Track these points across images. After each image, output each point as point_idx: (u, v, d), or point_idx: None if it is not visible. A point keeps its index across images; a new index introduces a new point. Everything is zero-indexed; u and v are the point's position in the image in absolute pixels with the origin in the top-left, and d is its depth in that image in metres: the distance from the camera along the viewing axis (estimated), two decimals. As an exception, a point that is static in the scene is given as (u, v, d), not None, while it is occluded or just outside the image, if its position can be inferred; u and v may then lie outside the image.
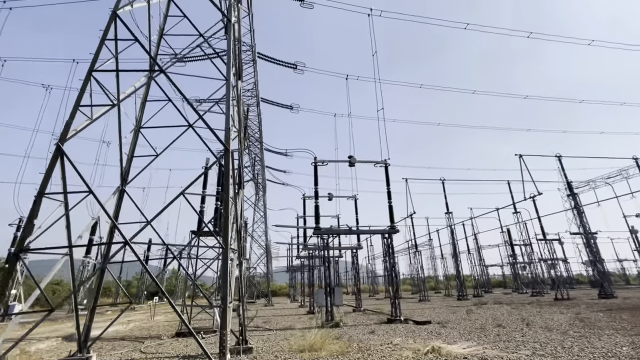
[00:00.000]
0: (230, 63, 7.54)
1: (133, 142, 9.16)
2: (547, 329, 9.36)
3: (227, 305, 5.46)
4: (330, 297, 12.39)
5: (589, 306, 15.55)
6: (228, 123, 6.86)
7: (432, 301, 24.69)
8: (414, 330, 10.30)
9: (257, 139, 34.16)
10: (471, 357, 6.41)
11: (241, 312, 7.75)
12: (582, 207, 27.54)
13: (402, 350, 7.13)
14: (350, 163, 14.79)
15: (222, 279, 5.62)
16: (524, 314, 13.25)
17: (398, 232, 13.79)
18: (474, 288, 30.68)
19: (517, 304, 18.71)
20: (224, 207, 6.10)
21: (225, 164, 6.44)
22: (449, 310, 16.26)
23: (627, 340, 7.33)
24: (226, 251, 5.77)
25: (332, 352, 7.27)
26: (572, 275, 45.85)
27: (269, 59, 24.14)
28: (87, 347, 7.42)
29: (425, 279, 54.46)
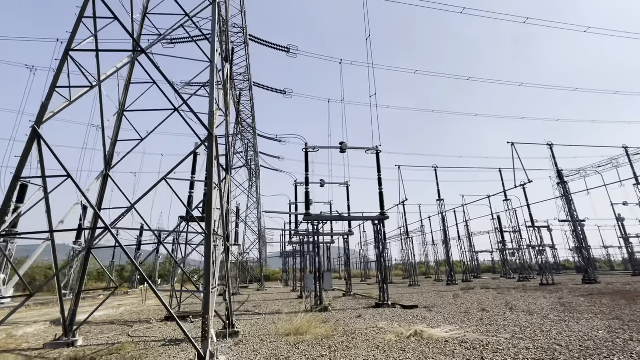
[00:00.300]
0: (215, 44, 7.28)
1: (117, 126, 8.94)
2: (529, 313, 9.60)
3: (209, 290, 5.45)
4: (319, 282, 12.53)
5: (572, 291, 15.99)
6: (212, 106, 6.68)
7: (422, 286, 25.20)
8: (400, 314, 10.50)
9: (250, 125, 33.72)
10: (452, 340, 6.55)
11: (228, 297, 7.78)
12: (570, 195, 27.96)
13: (386, 334, 7.26)
14: (342, 149, 14.69)
15: (205, 264, 5.59)
16: (509, 299, 13.58)
17: (388, 219, 13.86)
18: (463, 273, 31.34)
19: (504, 288, 19.17)
20: (208, 193, 6.01)
21: (209, 148, 6.31)
22: (437, 295, 16.60)
23: (604, 324, 7.55)
24: (209, 237, 5.73)
25: (318, 336, 7.38)
26: (559, 261, 47.07)
27: (261, 42, 23.53)
28: (73, 331, 7.44)
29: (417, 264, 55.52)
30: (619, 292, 14.30)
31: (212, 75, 6.94)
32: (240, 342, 7.08)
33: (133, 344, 7.20)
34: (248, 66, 25.46)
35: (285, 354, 5.98)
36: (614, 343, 5.83)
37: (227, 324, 7.82)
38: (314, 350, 6.13)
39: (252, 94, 30.04)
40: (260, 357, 5.85)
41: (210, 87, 6.85)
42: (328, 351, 6.06)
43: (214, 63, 7.10)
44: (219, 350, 6.36)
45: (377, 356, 5.58)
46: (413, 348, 6.02)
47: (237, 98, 28.81)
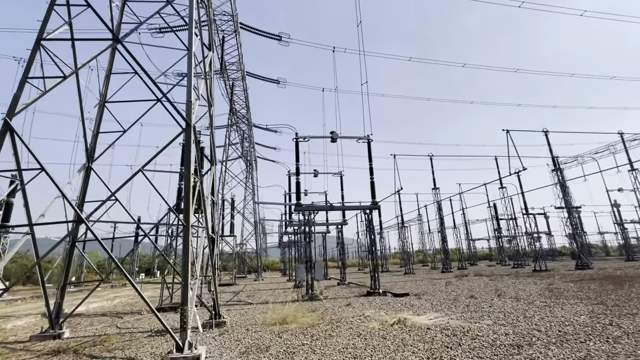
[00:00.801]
0: (192, 30, 7.09)
1: (98, 118, 8.80)
2: (516, 299, 9.67)
3: (187, 282, 5.44)
4: (310, 272, 12.59)
5: (563, 277, 16.12)
6: (189, 96, 6.54)
7: (417, 274, 25.43)
8: (390, 302, 10.58)
9: (245, 115, 33.41)
10: (435, 327, 6.59)
11: (213, 288, 7.80)
12: (565, 182, 27.97)
13: (370, 322, 7.31)
14: (332, 139, 14.55)
15: (183, 256, 5.56)
16: (500, 285, 13.69)
17: (378, 208, 13.83)
18: (458, 261, 31.60)
19: (497, 275, 19.34)
20: (185, 184, 5.94)
21: (187, 139, 6.20)
22: (430, 283, 16.74)
23: (587, 309, 7.60)
24: (187, 228, 5.68)
25: (303, 325, 7.44)
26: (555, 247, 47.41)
27: (252, 30, 23.06)
28: (60, 324, 7.47)
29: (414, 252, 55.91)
30: (608, 277, 14.41)
31: (190, 64, 6.78)
32: (226, 332, 7.13)
33: (119, 335, 7.26)
34: (240, 55, 25.06)
35: (267, 342, 6.01)
36: (593, 328, 5.87)
37: (213, 314, 7.86)
38: (296, 339, 6.16)
39: (245, 84, 29.67)
40: (242, 346, 5.88)
41: (187, 76, 6.70)
42: (310, 339, 6.10)
43: (191, 51, 6.92)
44: (203, 341, 6.40)
45: (357, 344, 5.61)
46: (394, 335, 6.06)
47: (229, 88, 28.45)
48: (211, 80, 9.81)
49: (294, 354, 5.23)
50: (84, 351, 5.99)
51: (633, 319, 6.36)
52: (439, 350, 5.03)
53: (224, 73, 27.35)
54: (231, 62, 26.64)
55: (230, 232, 25.50)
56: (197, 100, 7.46)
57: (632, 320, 6.27)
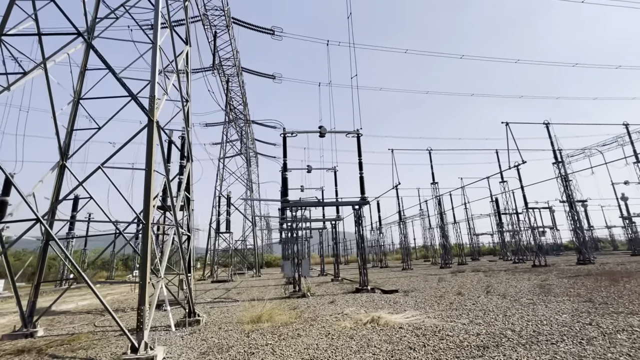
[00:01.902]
0: (158, 23, 6.89)
1: (72, 115, 8.69)
2: (502, 297, 9.40)
3: (145, 281, 5.31)
4: (297, 269, 12.45)
5: (561, 272, 15.73)
6: (153, 91, 6.36)
7: (414, 270, 25.16)
8: (375, 299, 10.38)
9: (241, 112, 33.27)
10: (407, 326, 6.39)
11: (186, 286, 7.68)
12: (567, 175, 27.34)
13: (344, 321, 7.13)
14: (321, 134, 14.31)
15: (141, 254, 5.42)
16: (492, 282, 13.39)
17: (368, 204, 13.58)
18: (458, 256, 31.21)
19: (494, 271, 18.99)
20: (145, 181, 5.79)
21: (149, 135, 6.04)
22: (423, 279, 16.49)
23: (572, 307, 7.31)
24: (146, 227, 5.54)
25: (277, 323, 7.29)
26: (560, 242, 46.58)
27: (245, 25, 22.78)
28: (33, 322, 7.44)
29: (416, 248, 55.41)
30: (607, 273, 14.00)
31: (154, 59, 6.59)
32: (197, 331, 7.02)
33: (91, 334, 7.20)
34: (233, 50, 24.81)
35: (232, 342, 5.88)
36: (571, 328, 5.60)
37: (187, 313, 7.76)
38: (262, 339, 6.02)
39: (241, 80, 29.45)
40: (206, 346, 5.76)
41: (151, 71, 6.51)
42: (276, 339, 5.95)
43: (156, 45, 6.73)
44: (169, 340, 6.30)
45: (321, 344, 5.43)
46: (362, 335, 5.86)
47: (225, 84, 28.27)
48: (188, 76, 9.64)
49: (253, 355, 5.07)
50: (47, 351, 5.93)
51: (615, 318, 6.07)
52: (401, 351, 4.82)
53: (219, 69, 27.17)
54: (226, 57, 26.43)
55: (227, 229, 25.51)
56: (165, 95, 7.28)
57: (614, 320, 5.98)
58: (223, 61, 26.85)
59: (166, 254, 6.49)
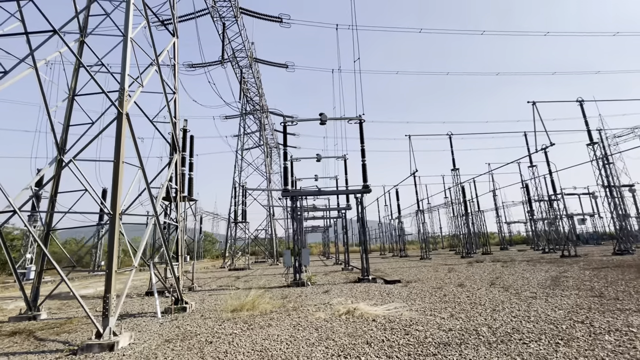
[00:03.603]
0: (129, 14, 6.90)
1: (68, 111, 9.07)
2: (505, 289, 8.75)
3: (111, 270, 5.46)
4: (298, 258, 12.42)
5: (588, 263, 14.42)
6: (123, 83, 6.43)
7: (432, 259, 24.35)
8: (369, 290, 10.11)
9: (258, 102, 33.44)
10: (382, 318, 6.11)
11: (173, 274, 7.88)
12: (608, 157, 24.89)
13: (321, 312, 6.98)
14: (322, 121, 13.96)
15: (108, 245, 5.58)
16: (506, 273, 12.56)
17: (370, 192, 13.14)
18: (483, 246, 29.74)
19: (515, 261, 17.84)
20: (114, 174, 5.91)
21: (118, 127, 6.13)
22: (434, 269, 15.87)
23: (574, 303, 6.62)
24: (114, 218, 5.67)
25: (257, 312, 7.31)
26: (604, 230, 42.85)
27: (253, 14, 22.61)
28: (37, 306, 8.03)
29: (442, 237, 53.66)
30: (638, 265, 12.61)
31: (125, 51, 6.64)
32: (178, 319, 7.21)
33: (85, 319, 7.63)
34: (244, 41, 24.80)
35: (201, 330, 5.95)
36: (557, 326, 5.05)
37: (174, 301, 7.99)
38: (232, 328, 6.03)
39: (254, 70, 29.49)
40: (175, 333, 5.87)
41: (122, 63, 6.57)
42: (244, 328, 5.94)
43: (127, 37, 6.76)
44: (146, 327, 6.51)
45: (282, 335, 5.33)
46: (329, 327, 5.69)
47: (239, 76, 28.47)
48: (176, 68, 9.69)
49: (210, 344, 5.08)
50: (36, 333, 6.35)
51: (616, 316, 5.39)
52: (354, 346, 4.59)
53: (232, 61, 27.36)
54: (238, 49, 26.52)
55: (243, 219, 26.11)
56: (140, 87, 7.35)
57: (613, 318, 5.31)
58: (236, 52, 26.97)
59: (142, 245, 6.66)
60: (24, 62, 7.23)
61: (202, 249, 51.68)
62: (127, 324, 6.87)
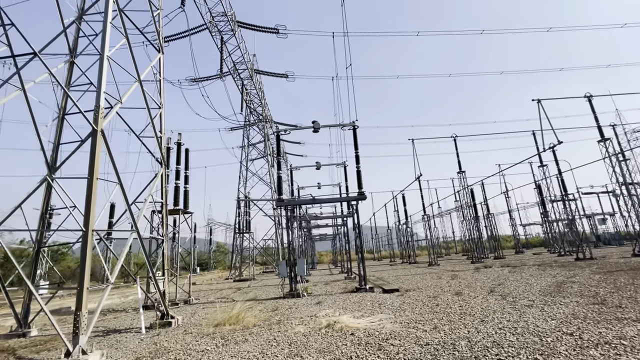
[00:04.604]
0: (106, 32, 7.03)
1: (58, 130, 9.28)
2: (502, 297, 8.31)
3: (82, 287, 5.44)
4: (293, 268, 12.23)
5: (602, 267, 13.63)
6: (99, 101, 6.52)
7: (441, 265, 23.63)
8: (362, 300, 9.79)
9: (261, 113, 33.75)
10: (361, 332, 5.85)
11: (157, 288, 7.84)
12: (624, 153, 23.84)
13: (300, 326, 6.77)
14: (315, 129, 13.87)
15: (81, 262, 5.57)
16: (511, 279, 11.99)
17: (365, 199, 12.89)
18: (494, 250, 28.71)
19: (526, 265, 17.07)
20: (87, 190, 5.94)
21: (92, 145, 6.19)
22: (437, 276, 15.34)
23: (572, 311, 6.18)
24: (86, 234, 5.67)
25: (240, 326, 7.16)
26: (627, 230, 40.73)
27: (250, 27, 22.99)
28: (28, 323, 8.11)
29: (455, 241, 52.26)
30: (656, 267, 11.82)
31: (101, 69, 6.75)
32: (160, 334, 7.13)
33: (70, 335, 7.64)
34: (243, 54, 25.19)
35: (177, 347, 5.84)
36: (542, 339, 4.68)
37: (160, 315, 7.93)
38: (208, 343, 5.90)
39: (255, 82, 29.84)
40: (149, 350, 5.77)
41: (97, 81, 6.68)
42: (220, 343, 5.79)
43: (103, 55, 6.89)
44: (121, 344, 6.44)
45: (254, 351, 5.16)
46: (303, 342, 5.47)
47: (240, 88, 28.86)
48: (161, 83, 9.84)
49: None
50: (18, 351, 6.38)
51: (612, 327, 4.97)
52: (320, 363, 4.37)
53: (232, 73, 27.82)
54: (238, 61, 26.95)
55: (246, 229, 26.11)
56: (119, 104, 7.45)
57: (608, 329, 4.90)
58: (236, 64, 27.41)
59: (120, 261, 6.64)
60: (8, 83, 7.46)
61: (212, 260, 51.99)
62: (108, 340, 6.82)
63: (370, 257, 54.14)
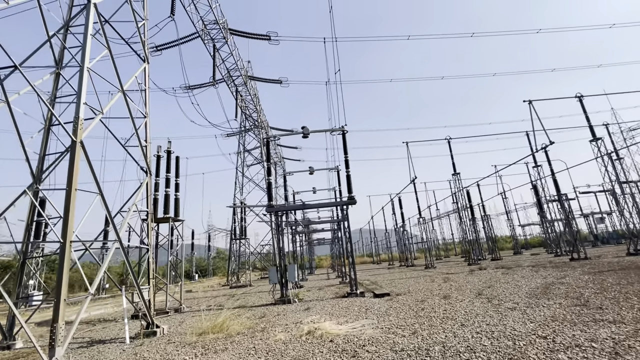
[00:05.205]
0: (87, 45, 7.11)
1: (44, 141, 9.33)
2: (488, 300, 8.29)
3: (59, 299, 5.44)
4: (284, 274, 12.21)
5: (594, 267, 13.59)
6: (78, 112, 6.58)
7: (437, 268, 23.56)
8: (350, 305, 9.77)
9: (256, 119, 33.84)
10: (341, 338, 5.84)
11: (141, 298, 7.83)
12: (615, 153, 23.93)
13: (285, 333, 6.75)
14: (304, 135, 13.94)
15: (57, 274, 5.58)
16: (502, 280, 11.96)
17: (355, 203, 12.93)
18: (490, 252, 28.62)
19: (520, 267, 17.01)
20: (65, 201, 5.97)
21: (71, 157, 6.24)
22: (431, 280, 15.30)
23: (552, 314, 6.17)
24: (64, 246, 5.69)
25: (222, 335, 7.14)
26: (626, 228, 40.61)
27: (241, 34, 23.17)
28: (13, 335, 8.09)
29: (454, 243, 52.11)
30: (647, 267, 11.80)
31: (81, 80, 6.82)
32: (144, 344, 7.11)
33: (56, 347, 7.62)
34: (236, 60, 25.35)
35: (157, 356, 5.82)
36: (515, 343, 4.68)
37: (146, 325, 7.91)
38: (188, 353, 5.88)
39: (249, 88, 29.98)
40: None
41: (77, 92, 6.74)
42: (199, 353, 5.78)
43: (83, 67, 6.96)
44: (101, 355, 6.42)
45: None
46: (280, 350, 5.47)
47: (234, 94, 28.99)
48: (147, 93, 9.91)
49: (153, 373, 4.94)
50: (-2, 364, 6.36)
51: (587, 330, 4.96)
52: (292, 372, 4.36)
53: (227, 80, 27.98)
54: (232, 68, 27.12)
55: (242, 235, 26.08)
56: (100, 114, 7.50)
57: (583, 331, 4.89)
58: (230, 71, 27.57)
59: (101, 271, 6.65)
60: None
61: (211, 267, 51.84)
62: (90, 351, 6.80)
63: (369, 260, 54.00)
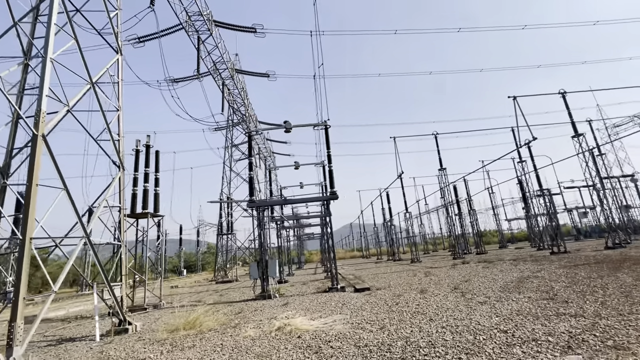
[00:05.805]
0: (50, 35, 6.84)
1: (12, 135, 9.02)
2: (462, 294, 8.39)
3: (18, 298, 5.29)
4: (265, 270, 12.17)
5: (571, 260, 13.89)
6: (40, 105, 6.35)
7: (423, 262, 23.82)
8: (328, 301, 9.79)
9: (244, 113, 33.46)
10: (310, 333, 5.84)
11: (112, 294, 7.70)
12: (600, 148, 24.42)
13: (256, 329, 6.72)
14: (287, 129, 13.81)
15: (16, 272, 5.42)
16: (480, 274, 12.12)
17: (337, 198, 12.91)
18: (475, 246, 29.06)
19: (502, 261, 17.30)
20: (25, 196, 5.78)
21: (32, 151, 6.03)
22: (413, 274, 15.44)
23: (518, 308, 6.27)
24: (23, 242, 5.52)
25: (194, 331, 7.09)
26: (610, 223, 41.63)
27: (227, 26, 22.74)
28: (-20, 334, 7.87)
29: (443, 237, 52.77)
30: (617, 261, 12.08)
31: (43, 71, 6.58)
32: (113, 341, 7.02)
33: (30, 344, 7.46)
34: (222, 53, 24.91)
35: (123, 355, 5.74)
36: (475, 337, 4.73)
37: (118, 322, 7.80)
38: (155, 351, 5.82)
39: (236, 81, 29.56)
40: (93, 359, 5.66)
41: (39, 85, 6.51)
42: (166, 350, 5.72)
43: (46, 58, 6.71)
44: (65, 354, 6.31)
45: (193, 357, 5.09)
46: (246, 346, 5.44)
47: (221, 88, 28.56)
48: (120, 85, 9.64)
49: (113, 371, 4.86)
50: (-41, 365, 6.18)
51: (547, 324, 5.04)
52: (251, 369, 4.33)
53: (213, 73, 27.52)
54: (218, 61, 26.65)
55: (228, 230, 25.93)
56: (66, 107, 7.27)
57: (543, 325, 4.97)
58: (217, 64, 27.11)
59: (67, 267, 6.49)
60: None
61: (200, 262, 51.57)
62: (56, 350, 6.68)
63: (359, 255, 54.37)
